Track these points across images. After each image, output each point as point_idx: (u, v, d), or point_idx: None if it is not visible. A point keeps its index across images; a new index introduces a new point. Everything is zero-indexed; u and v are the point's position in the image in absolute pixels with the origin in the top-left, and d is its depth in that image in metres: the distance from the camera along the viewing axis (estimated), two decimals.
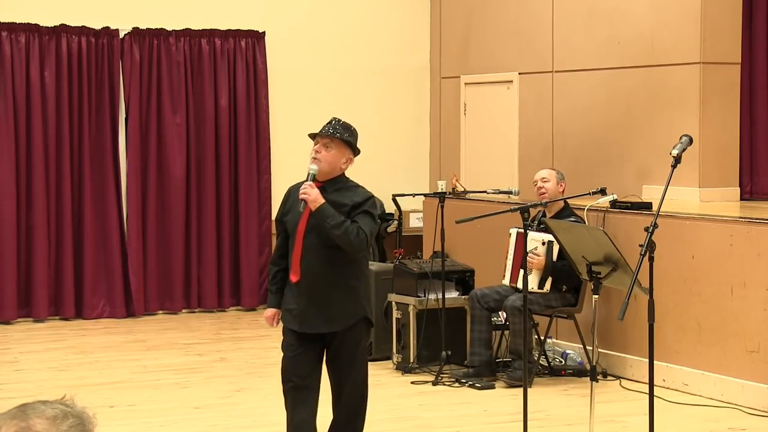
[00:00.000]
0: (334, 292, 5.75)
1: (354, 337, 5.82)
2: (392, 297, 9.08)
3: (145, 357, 9.51)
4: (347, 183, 5.85)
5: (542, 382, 8.52)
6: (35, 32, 10.95)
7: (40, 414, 2.13)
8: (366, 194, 5.82)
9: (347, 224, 5.63)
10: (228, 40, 11.57)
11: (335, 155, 5.78)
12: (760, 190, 9.94)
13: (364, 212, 5.72)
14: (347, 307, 5.77)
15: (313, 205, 5.65)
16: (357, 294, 5.81)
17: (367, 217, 5.72)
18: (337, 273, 5.75)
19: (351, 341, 5.81)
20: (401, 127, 12.39)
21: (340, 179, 5.82)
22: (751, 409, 7.63)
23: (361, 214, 5.71)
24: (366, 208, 5.74)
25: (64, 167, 11.01)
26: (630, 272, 5.67)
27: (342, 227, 5.61)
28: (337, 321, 5.76)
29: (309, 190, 5.67)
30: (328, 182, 5.78)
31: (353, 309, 5.79)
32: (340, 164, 5.80)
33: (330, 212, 5.64)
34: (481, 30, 11.53)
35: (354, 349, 5.85)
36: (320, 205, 5.65)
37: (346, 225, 5.62)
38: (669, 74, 9.45)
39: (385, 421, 7.35)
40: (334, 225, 5.61)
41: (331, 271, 5.74)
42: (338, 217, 5.63)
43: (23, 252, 10.97)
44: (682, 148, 5.89)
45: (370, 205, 5.77)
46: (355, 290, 5.80)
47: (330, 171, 5.77)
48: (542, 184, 8.80)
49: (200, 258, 11.56)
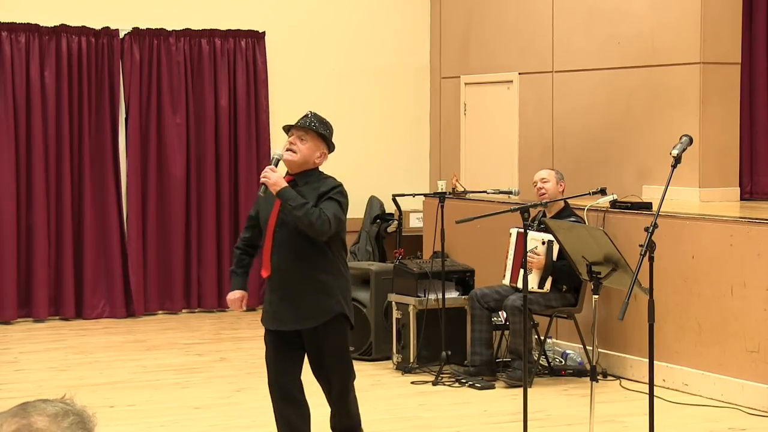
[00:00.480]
0: (305, 287, 5.62)
1: (330, 335, 5.69)
2: (392, 297, 9.08)
3: (145, 357, 9.51)
4: (319, 177, 5.72)
5: (542, 382, 8.52)
6: (35, 32, 10.95)
7: (40, 412, 2.15)
8: (334, 183, 5.69)
9: (308, 206, 5.49)
10: (228, 40, 11.58)
11: (310, 147, 5.67)
12: (760, 190, 9.94)
13: (329, 198, 5.59)
14: (320, 303, 5.63)
15: (274, 188, 5.52)
16: (330, 289, 5.64)
17: (332, 202, 5.58)
18: (307, 267, 5.62)
19: (327, 339, 5.69)
20: (401, 127, 12.39)
21: (312, 173, 5.71)
22: (751, 409, 7.63)
23: (326, 200, 5.58)
24: (331, 195, 5.60)
25: (64, 167, 11.01)
26: (630, 272, 5.67)
27: (303, 209, 5.47)
28: (310, 318, 5.65)
29: (269, 173, 5.55)
30: (299, 175, 5.68)
31: (327, 305, 5.64)
32: (314, 158, 5.69)
33: (291, 194, 5.51)
34: (481, 30, 11.53)
35: (330, 347, 5.72)
36: (281, 188, 5.52)
37: (307, 207, 5.48)
38: (669, 74, 9.45)
39: (385, 421, 7.35)
40: (295, 206, 5.47)
41: (300, 265, 5.61)
42: (300, 200, 5.50)
43: (23, 252, 10.97)
44: (682, 148, 5.89)
45: (337, 192, 5.62)
46: (327, 285, 5.64)
47: (303, 163, 5.67)
48: (542, 184, 8.80)
49: (200, 258, 11.56)
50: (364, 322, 9.19)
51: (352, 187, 12.14)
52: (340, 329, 5.72)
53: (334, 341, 5.72)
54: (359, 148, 12.07)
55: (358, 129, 12.12)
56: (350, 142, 12.07)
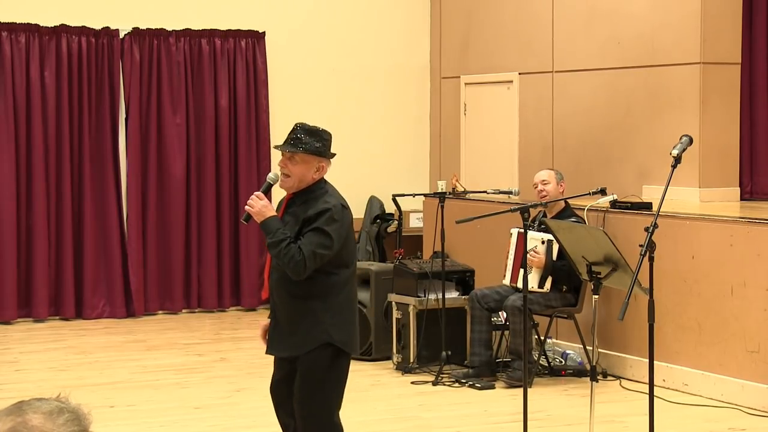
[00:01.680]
0: (293, 313, 5.23)
1: (310, 367, 5.21)
2: (392, 297, 9.08)
3: (145, 357, 9.51)
4: (317, 192, 5.26)
5: (542, 382, 8.52)
6: (35, 32, 10.95)
7: (35, 410, 2.16)
8: (324, 206, 5.19)
9: (283, 245, 5.09)
10: (228, 40, 11.58)
11: (302, 168, 5.23)
12: (760, 190, 9.94)
13: (313, 230, 5.14)
14: (308, 330, 5.20)
15: (258, 217, 5.19)
16: (317, 317, 5.19)
17: (314, 235, 5.13)
18: (297, 293, 5.21)
19: (306, 370, 5.21)
20: (401, 127, 12.39)
21: (312, 188, 5.26)
22: (751, 409, 7.64)
23: (310, 232, 5.14)
24: (316, 225, 5.14)
25: (64, 167, 11.01)
26: (630, 272, 5.67)
27: (277, 248, 5.10)
28: (295, 345, 5.24)
29: (255, 201, 5.21)
30: (298, 193, 5.28)
31: (313, 333, 5.19)
32: (311, 175, 5.24)
33: (271, 228, 5.15)
34: (481, 30, 11.53)
35: (309, 381, 5.22)
36: (264, 219, 5.18)
37: (281, 246, 5.09)
38: (669, 74, 9.45)
39: (385, 421, 7.35)
40: (270, 243, 5.13)
41: (290, 289, 5.22)
42: (279, 235, 5.11)
43: (23, 252, 10.97)
44: (682, 148, 5.89)
45: (325, 219, 5.15)
46: (316, 312, 5.20)
47: (299, 184, 5.25)
48: (542, 186, 8.79)
49: (200, 258, 11.56)
50: (364, 322, 9.18)
51: (352, 187, 12.17)
52: (323, 360, 5.21)
53: (312, 372, 5.22)
54: (359, 148, 12.06)
55: (358, 129, 12.12)
56: (350, 142, 12.07)
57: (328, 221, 5.16)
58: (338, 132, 13.41)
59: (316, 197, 5.24)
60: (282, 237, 5.11)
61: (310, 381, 5.23)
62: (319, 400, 5.25)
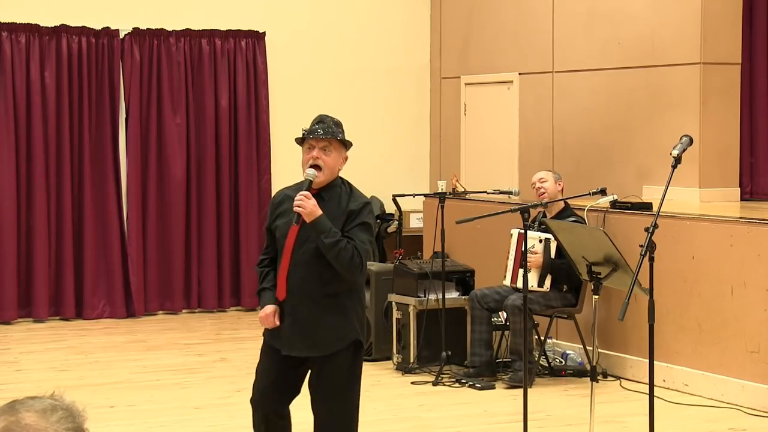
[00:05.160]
0: (323, 313, 5.11)
1: (340, 365, 5.14)
2: (392, 297, 9.08)
3: (145, 357, 9.51)
4: (342, 186, 5.23)
5: (542, 382, 8.52)
6: (35, 32, 10.95)
7: (29, 408, 2.17)
8: (363, 200, 5.20)
9: (342, 244, 5.00)
10: (228, 41, 11.58)
11: (335, 158, 5.18)
12: (760, 191, 9.94)
13: (361, 225, 5.10)
14: (337, 330, 5.12)
15: (309, 218, 5.03)
16: (349, 315, 5.15)
17: (364, 231, 5.10)
18: (326, 291, 5.11)
19: (337, 369, 5.13)
20: (401, 127, 12.39)
21: (335, 183, 5.20)
22: (751, 409, 7.63)
23: (357, 228, 5.09)
24: (363, 219, 5.11)
25: (64, 167, 11.01)
26: (630, 272, 5.67)
27: (336, 248, 4.99)
28: (322, 345, 5.12)
29: (305, 201, 5.03)
30: (324, 189, 5.16)
31: (343, 332, 5.13)
32: (339, 167, 5.21)
33: (326, 227, 5.03)
34: (481, 30, 11.53)
35: (340, 379, 5.15)
36: (316, 219, 5.03)
37: (340, 246, 5.00)
38: (669, 75, 9.45)
39: (385, 421, 7.35)
40: (328, 244, 5.00)
41: (320, 289, 5.10)
42: (334, 234, 5.02)
43: (23, 252, 10.97)
44: (683, 149, 5.89)
45: (369, 213, 5.15)
46: (346, 310, 5.14)
47: (330, 177, 5.16)
48: (540, 184, 8.81)
49: (200, 258, 11.56)
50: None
51: None
52: (352, 358, 5.16)
53: (342, 372, 5.14)
54: (359, 148, 11.95)
55: (358, 129, 12.06)
56: (350, 142, 12.07)
57: (369, 215, 5.14)
58: None
59: (343, 191, 5.17)
60: (338, 236, 5.01)
61: (339, 380, 5.12)
62: (350, 399, 5.18)
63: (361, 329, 5.19)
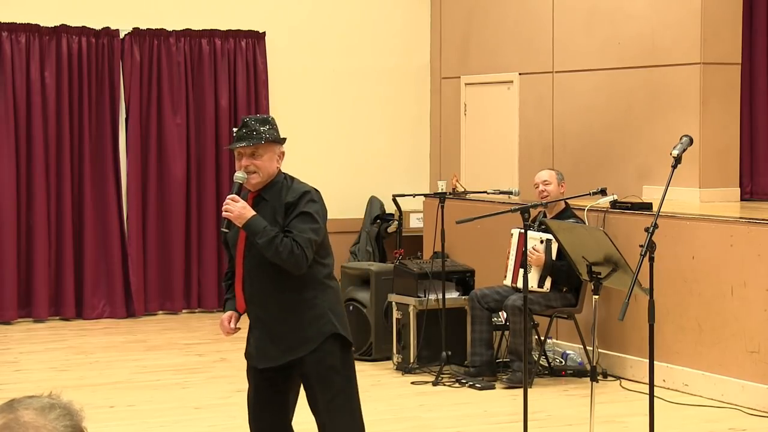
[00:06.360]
0: (288, 314, 4.87)
1: (322, 361, 4.86)
2: (392, 297, 9.09)
3: (145, 357, 9.51)
4: (282, 183, 4.95)
5: (542, 382, 8.52)
6: (35, 32, 10.95)
7: (27, 406, 2.18)
8: (302, 189, 4.90)
9: (278, 240, 4.75)
10: (228, 41, 11.58)
11: (268, 159, 4.92)
12: (760, 191, 9.94)
13: (300, 215, 4.83)
14: (309, 326, 4.85)
15: (238, 221, 4.83)
16: (318, 309, 4.87)
17: (304, 220, 4.82)
18: (285, 290, 4.86)
19: (319, 366, 4.86)
20: (401, 127, 12.39)
21: (276, 180, 4.95)
22: (751, 409, 7.63)
23: (297, 219, 4.82)
24: (302, 209, 4.83)
25: (64, 167, 11.02)
26: (630, 272, 5.67)
27: (272, 246, 4.75)
28: (297, 347, 4.86)
29: (231, 205, 4.83)
30: (265, 188, 4.94)
31: (316, 327, 4.86)
32: (276, 165, 4.95)
33: (258, 227, 4.79)
34: (481, 30, 11.53)
35: (325, 376, 4.86)
36: (247, 221, 4.81)
37: (276, 242, 4.75)
38: (669, 75, 9.45)
39: (385, 421, 7.35)
40: (263, 244, 4.76)
41: (279, 291, 4.86)
42: (269, 232, 4.77)
43: (23, 252, 10.97)
44: (683, 149, 5.89)
45: (308, 202, 4.85)
46: (315, 305, 4.87)
47: (267, 177, 4.92)
48: (544, 187, 8.79)
49: (200, 258, 11.56)
50: (364, 322, 9.19)
51: (352, 187, 12.14)
52: (334, 352, 4.89)
53: (326, 368, 4.87)
54: (359, 148, 12.07)
55: (358, 129, 12.12)
56: (350, 142, 12.08)
57: (310, 204, 4.85)
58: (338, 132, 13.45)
59: (284, 186, 4.93)
60: (273, 233, 4.77)
61: (327, 380, 4.87)
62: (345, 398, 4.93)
63: (339, 322, 4.90)
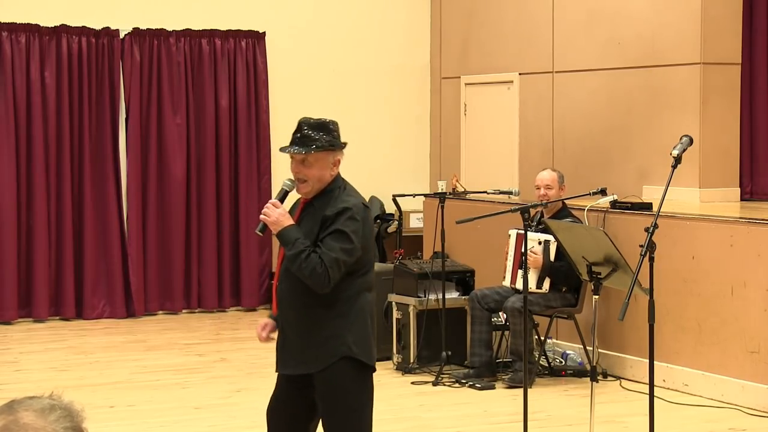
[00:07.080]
0: (309, 325, 4.74)
1: (332, 382, 4.72)
2: (392, 297, 9.09)
3: (145, 357, 9.51)
4: (335, 192, 4.81)
5: (542, 382, 8.52)
6: (35, 32, 10.95)
7: (27, 407, 2.17)
8: (343, 204, 4.73)
9: (303, 256, 4.62)
10: (228, 41, 11.58)
11: (319, 168, 4.77)
12: (760, 191, 9.94)
13: (335, 232, 4.67)
14: (325, 343, 4.71)
15: (274, 227, 4.75)
16: (335, 328, 4.72)
17: (336, 239, 4.66)
18: (310, 301, 4.72)
19: (328, 387, 4.73)
20: (401, 127, 12.39)
21: (330, 188, 4.81)
22: (751, 409, 7.63)
23: (330, 236, 4.66)
24: (337, 226, 4.67)
25: (64, 167, 11.02)
26: (630, 272, 5.67)
27: (297, 260, 4.63)
28: (310, 362, 4.74)
29: (270, 210, 4.76)
30: (318, 196, 4.81)
31: (330, 346, 4.70)
32: (329, 173, 4.80)
33: (290, 238, 4.69)
34: (481, 30, 11.53)
35: (333, 398, 4.73)
36: (282, 229, 4.72)
37: (301, 258, 4.62)
38: (669, 75, 9.45)
39: (385, 421, 7.34)
40: (290, 256, 4.66)
41: (302, 301, 4.74)
42: (298, 246, 4.65)
43: (23, 252, 10.97)
44: (683, 149, 5.89)
45: (345, 220, 4.68)
46: (331, 323, 4.72)
47: (318, 185, 4.79)
48: (546, 191, 8.75)
49: (200, 258, 11.56)
50: None
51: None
52: (345, 375, 4.73)
53: (334, 390, 4.74)
54: (359, 148, 12.02)
55: (358, 129, 12.10)
56: (350, 142, 12.00)
57: (348, 222, 4.67)
58: None
59: (334, 196, 4.77)
60: (301, 248, 4.64)
61: (334, 401, 4.74)
62: (354, 423, 4.77)
63: (357, 345, 4.73)
